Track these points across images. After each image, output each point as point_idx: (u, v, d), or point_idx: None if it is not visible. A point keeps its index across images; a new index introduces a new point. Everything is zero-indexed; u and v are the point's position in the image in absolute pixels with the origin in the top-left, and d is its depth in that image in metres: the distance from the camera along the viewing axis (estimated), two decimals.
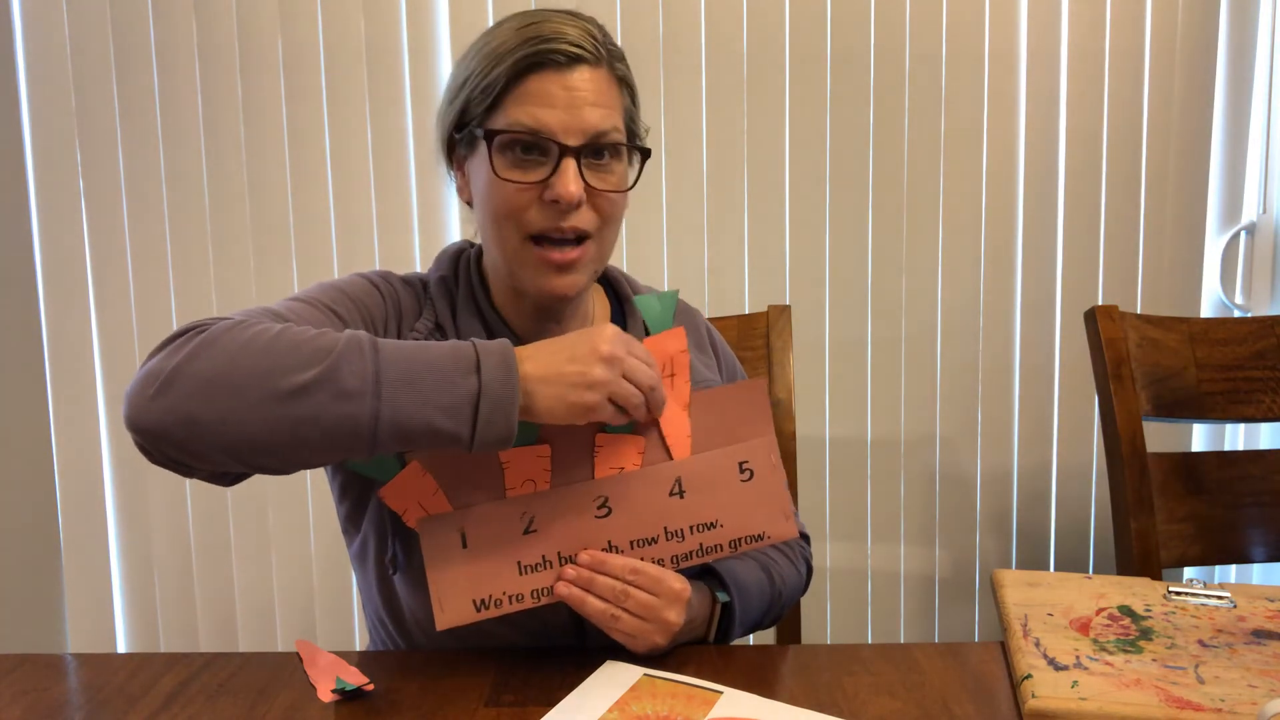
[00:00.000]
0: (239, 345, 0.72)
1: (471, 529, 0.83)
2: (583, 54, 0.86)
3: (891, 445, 1.82)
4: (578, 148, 0.86)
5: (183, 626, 1.81)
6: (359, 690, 0.81)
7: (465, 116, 0.90)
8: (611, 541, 0.85)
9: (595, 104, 0.86)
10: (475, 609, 0.82)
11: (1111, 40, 1.74)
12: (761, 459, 0.90)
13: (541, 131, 0.85)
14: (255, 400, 0.70)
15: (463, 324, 0.94)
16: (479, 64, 0.88)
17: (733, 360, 1.10)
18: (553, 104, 0.85)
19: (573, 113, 0.85)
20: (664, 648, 0.86)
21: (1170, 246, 1.79)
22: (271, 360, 0.72)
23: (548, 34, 0.85)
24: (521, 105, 0.85)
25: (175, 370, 0.70)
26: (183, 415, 0.70)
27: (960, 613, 1.87)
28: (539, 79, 0.85)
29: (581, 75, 0.86)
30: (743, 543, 0.89)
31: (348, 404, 0.71)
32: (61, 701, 0.82)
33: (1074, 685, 0.76)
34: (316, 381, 0.71)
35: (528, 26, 0.86)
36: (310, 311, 0.86)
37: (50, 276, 1.75)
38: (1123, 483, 1.27)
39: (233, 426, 0.70)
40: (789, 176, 1.76)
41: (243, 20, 1.70)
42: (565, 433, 0.86)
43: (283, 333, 0.74)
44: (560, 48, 0.85)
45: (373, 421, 0.72)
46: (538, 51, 0.85)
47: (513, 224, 0.88)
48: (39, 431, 1.77)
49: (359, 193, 1.74)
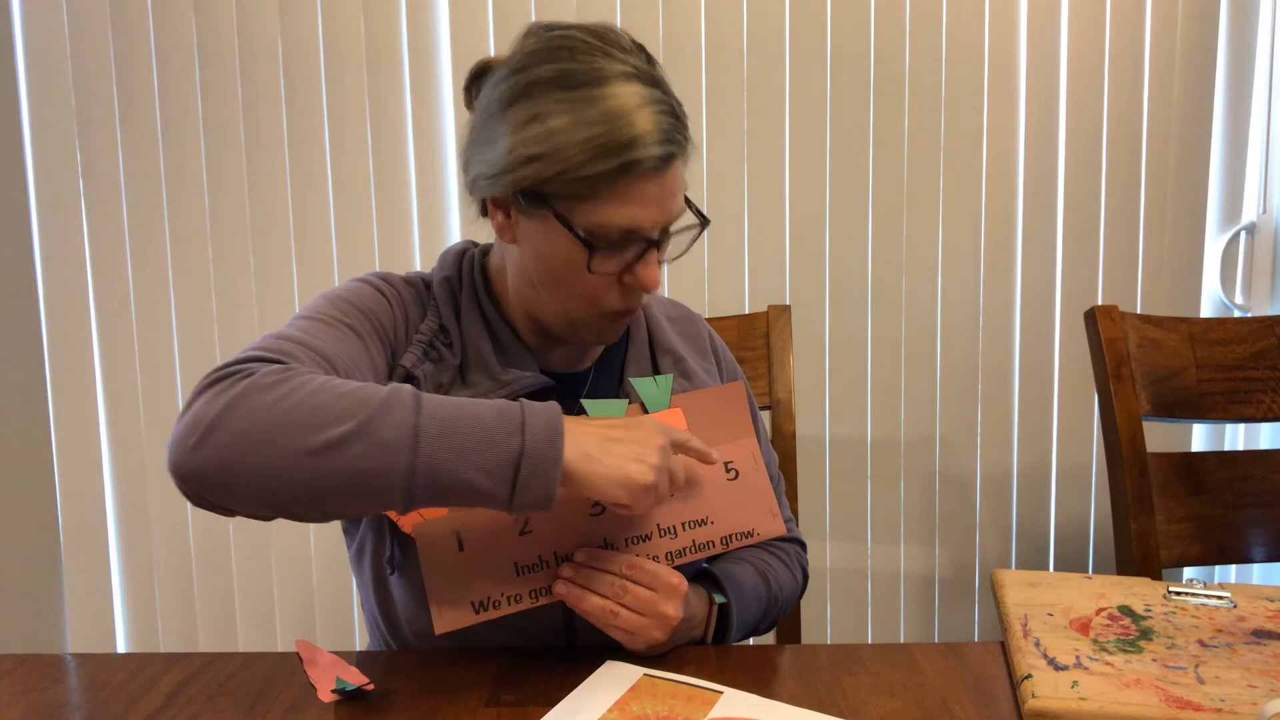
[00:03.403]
0: (278, 397, 0.71)
1: (467, 532, 0.83)
2: (675, 151, 0.83)
3: (891, 445, 1.82)
4: (660, 237, 0.87)
5: (182, 626, 1.81)
6: (359, 690, 0.81)
7: (545, 189, 0.83)
8: (607, 539, 0.86)
9: (680, 192, 0.86)
10: (474, 611, 0.82)
11: (1111, 40, 1.75)
12: (746, 459, 0.93)
13: (637, 232, 0.84)
14: (291, 454, 0.70)
15: (466, 325, 0.94)
16: (575, 148, 0.80)
17: (734, 366, 1.10)
18: (648, 204, 0.83)
19: (664, 209, 0.85)
20: (664, 644, 0.86)
21: (1170, 246, 1.79)
22: (308, 413, 0.71)
23: (654, 134, 0.81)
24: (621, 207, 0.82)
25: (215, 421, 0.71)
26: (220, 465, 0.70)
27: (960, 613, 1.87)
28: (639, 181, 0.82)
29: (675, 171, 0.85)
30: (733, 539, 0.90)
31: (384, 456, 0.70)
32: (61, 701, 0.82)
33: (1074, 685, 0.76)
34: (353, 434, 0.70)
35: (633, 115, 0.80)
36: (324, 330, 0.84)
37: (50, 277, 1.75)
38: (1123, 483, 1.27)
39: (268, 479, 0.70)
40: (789, 176, 1.76)
41: (243, 20, 1.70)
42: None
43: (325, 384, 0.73)
44: (663, 152, 0.82)
45: (409, 475, 0.71)
46: (650, 157, 0.81)
47: (587, 302, 0.88)
48: (39, 432, 1.77)
49: (359, 193, 1.74)
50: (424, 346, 0.91)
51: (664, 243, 0.88)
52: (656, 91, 0.83)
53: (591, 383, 0.99)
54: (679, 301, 1.11)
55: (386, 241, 1.75)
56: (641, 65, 0.84)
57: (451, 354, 0.92)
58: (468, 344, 0.93)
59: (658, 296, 1.09)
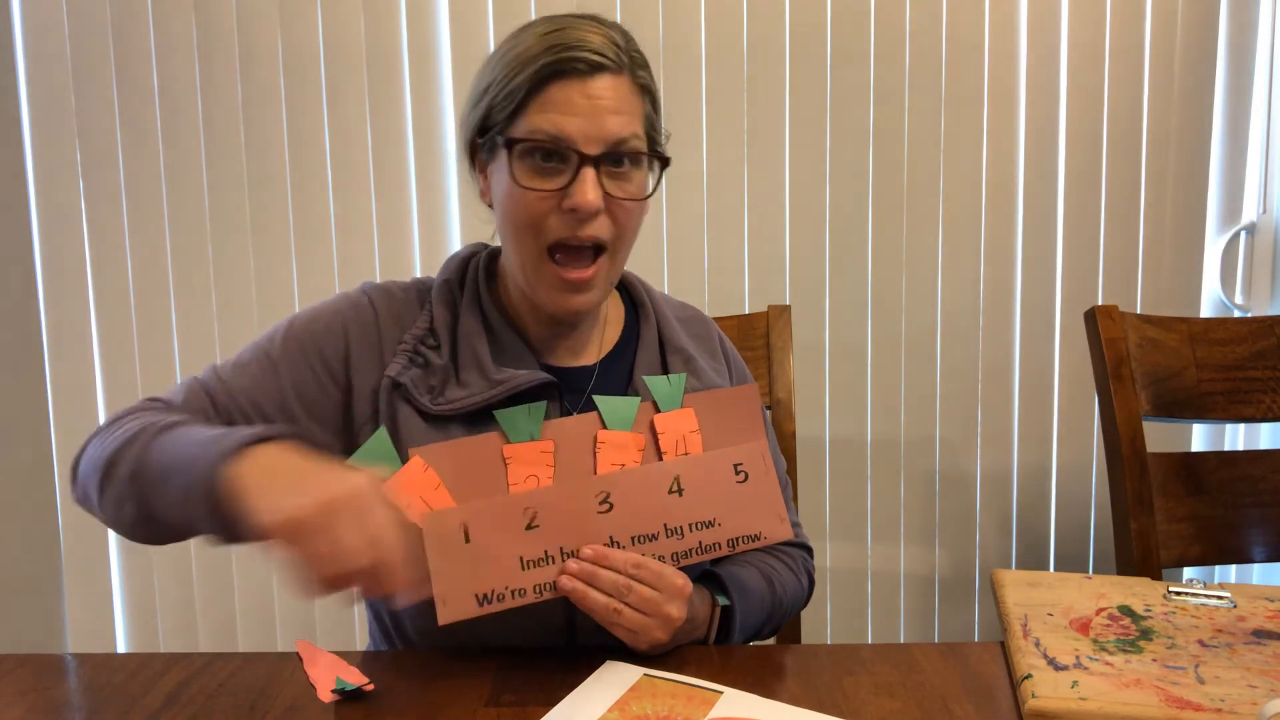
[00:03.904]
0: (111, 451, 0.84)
1: (474, 524, 0.83)
2: (605, 62, 0.86)
3: (891, 445, 1.82)
4: (597, 156, 0.86)
5: (183, 626, 1.81)
6: (359, 690, 0.81)
7: (488, 121, 0.90)
8: (613, 537, 0.86)
9: (616, 111, 0.86)
10: (478, 604, 0.82)
11: (1111, 40, 1.75)
12: (756, 462, 0.92)
13: (562, 139, 0.85)
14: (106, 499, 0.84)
15: (464, 326, 0.95)
16: (502, 70, 0.88)
17: (743, 368, 1.10)
18: (574, 111, 0.85)
19: (593, 120, 0.85)
20: (666, 645, 0.86)
21: (1170, 246, 1.79)
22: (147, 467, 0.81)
23: (571, 41, 0.85)
24: (543, 113, 0.86)
25: (78, 462, 0.89)
26: (81, 497, 0.88)
27: (960, 613, 1.87)
28: (561, 86, 0.85)
29: (603, 83, 0.86)
30: (740, 542, 0.90)
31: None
32: (62, 701, 0.82)
33: (1074, 685, 0.76)
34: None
35: (551, 33, 0.86)
36: (233, 371, 0.93)
37: (50, 276, 1.75)
38: (1123, 483, 1.27)
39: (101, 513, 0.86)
40: (789, 176, 1.76)
41: (243, 21, 1.70)
42: (568, 429, 0.88)
43: (159, 443, 0.81)
44: (583, 55, 0.85)
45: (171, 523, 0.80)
46: (560, 59, 0.85)
47: (531, 232, 0.89)
48: (39, 431, 1.77)
49: (359, 193, 1.74)
50: (409, 354, 0.92)
51: (606, 167, 0.87)
52: (593, 23, 0.88)
53: (599, 380, 0.98)
54: (688, 303, 1.11)
55: (387, 241, 1.75)
56: (596, 25, 0.89)
57: (438, 355, 0.92)
58: (462, 344, 0.94)
59: (668, 297, 1.08)
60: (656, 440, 0.91)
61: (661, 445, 0.91)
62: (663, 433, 0.91)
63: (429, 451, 0.85)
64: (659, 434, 0.91)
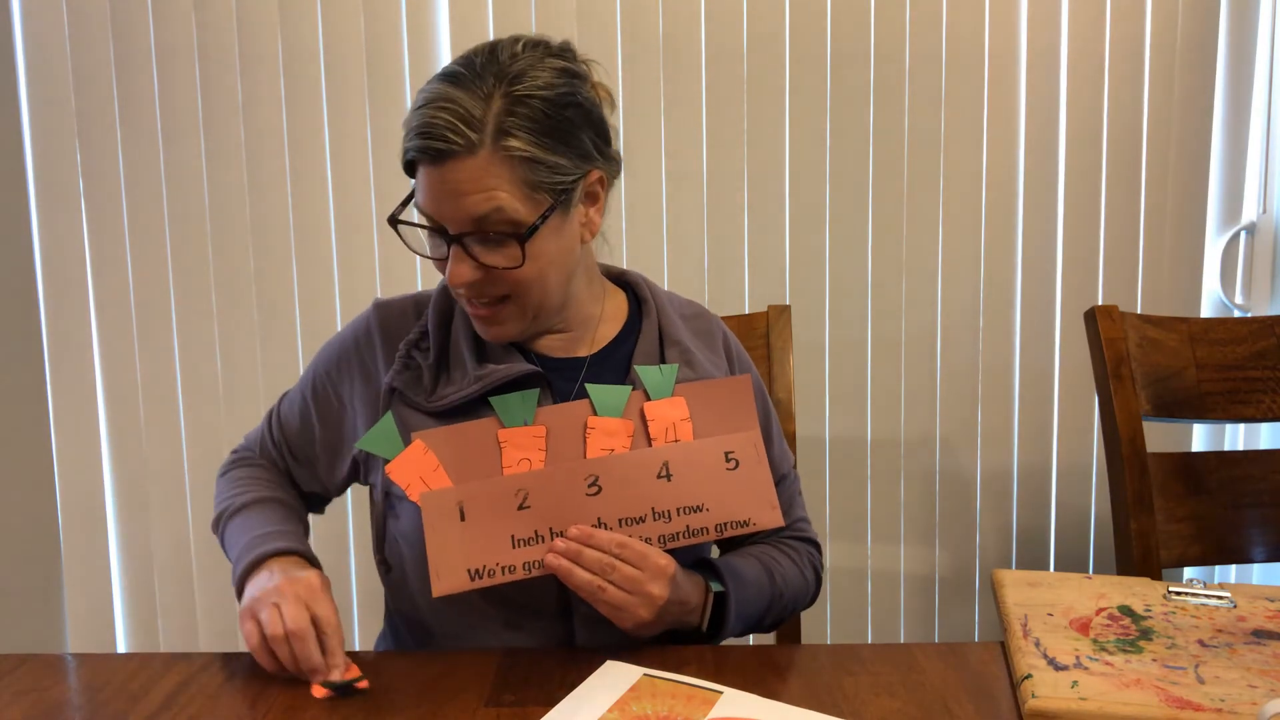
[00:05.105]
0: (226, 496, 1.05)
1: (469, 503, 0.88)
2: (452, 148, 0.84)
3: (891, 445, 1.82)
4: (461, 235, 0.88)
5: (183, 626, 1.81)
6: (350, 685, 0.82)
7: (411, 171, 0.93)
8: (601, 518, 0.89)
9: (470, 193, 0.86)
10: (470, 578, 0.86)
11: (1111, 40, 1.74)
12: (748, 450, 0.94)
13: (434, 218, 0.89)
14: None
15: (456, 326, 0.99)
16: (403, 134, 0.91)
17: (747, 362, 1.10)
18: (434, 195, 0.88)
19: (451, 203, 0.87)
20: (651, 624, 0.87)
21: (1170, 246, 1.79)
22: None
23: (423, 126, 0.85)
24: (420, 191, 0.89)
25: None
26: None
27: (960, 613, 1.87)
28: (424, 170, 0.88)
29: (453, 169, 0.86)
30: (729, 527, 0.92)
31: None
32: (62, 701, 0.82)
33: (1074, 685, 0.76)
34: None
35: (415, 112, 0.88)
36: (291, 423, 1.07)
37: (50, 276, 1.75)
38: (1123, 483, 1.27)
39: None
40: (789, 176, 1.76)
41: (243, 21, 1.70)
42: (559, 415, 0.92)
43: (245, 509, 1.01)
44: (430, 144, 0.85)
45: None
46: (416, 146, 0.87)
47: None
48: (39, 431, 1.77)
49: (359, 193, 1.74)
50: (403, 360, 0.98)
51: (475, 243, 0.88)
52: (453, 90, 0.86)
53: (596, 372, 1.00)
54: (695, 301, 1.12)
55: (386, 241, 1.75)
56: (477, 63, 0.88)
57: (425, 356, 0.98)
58: (453, 343, 0.98)
59: (675, 296, 1.09)
60: (646, 427, 0.93)
61: (651, 432, 0.93)
62: (653, 420, 0.94)
63: (429, 435, 0.91)
64: (649, 421, 0.94)
